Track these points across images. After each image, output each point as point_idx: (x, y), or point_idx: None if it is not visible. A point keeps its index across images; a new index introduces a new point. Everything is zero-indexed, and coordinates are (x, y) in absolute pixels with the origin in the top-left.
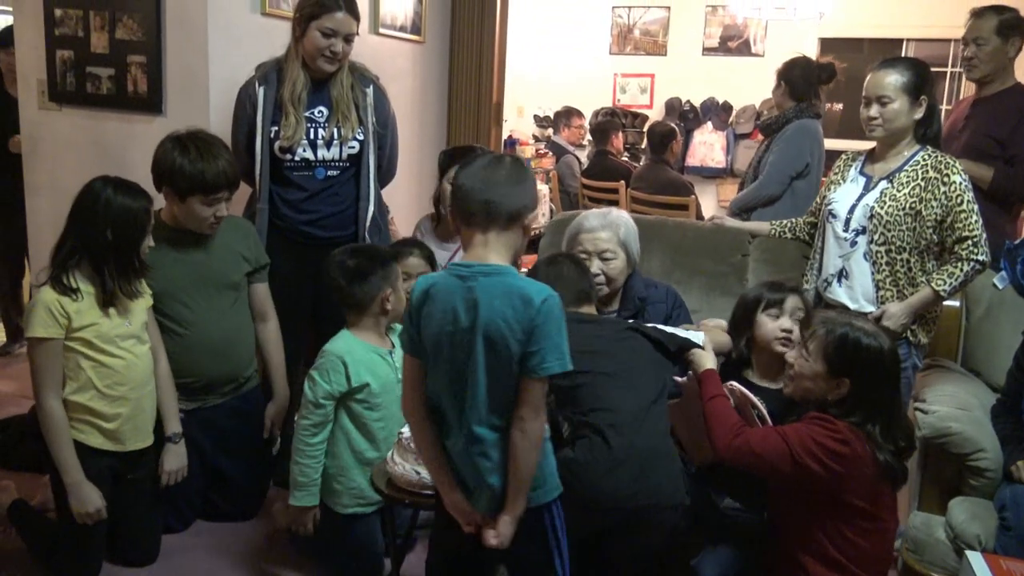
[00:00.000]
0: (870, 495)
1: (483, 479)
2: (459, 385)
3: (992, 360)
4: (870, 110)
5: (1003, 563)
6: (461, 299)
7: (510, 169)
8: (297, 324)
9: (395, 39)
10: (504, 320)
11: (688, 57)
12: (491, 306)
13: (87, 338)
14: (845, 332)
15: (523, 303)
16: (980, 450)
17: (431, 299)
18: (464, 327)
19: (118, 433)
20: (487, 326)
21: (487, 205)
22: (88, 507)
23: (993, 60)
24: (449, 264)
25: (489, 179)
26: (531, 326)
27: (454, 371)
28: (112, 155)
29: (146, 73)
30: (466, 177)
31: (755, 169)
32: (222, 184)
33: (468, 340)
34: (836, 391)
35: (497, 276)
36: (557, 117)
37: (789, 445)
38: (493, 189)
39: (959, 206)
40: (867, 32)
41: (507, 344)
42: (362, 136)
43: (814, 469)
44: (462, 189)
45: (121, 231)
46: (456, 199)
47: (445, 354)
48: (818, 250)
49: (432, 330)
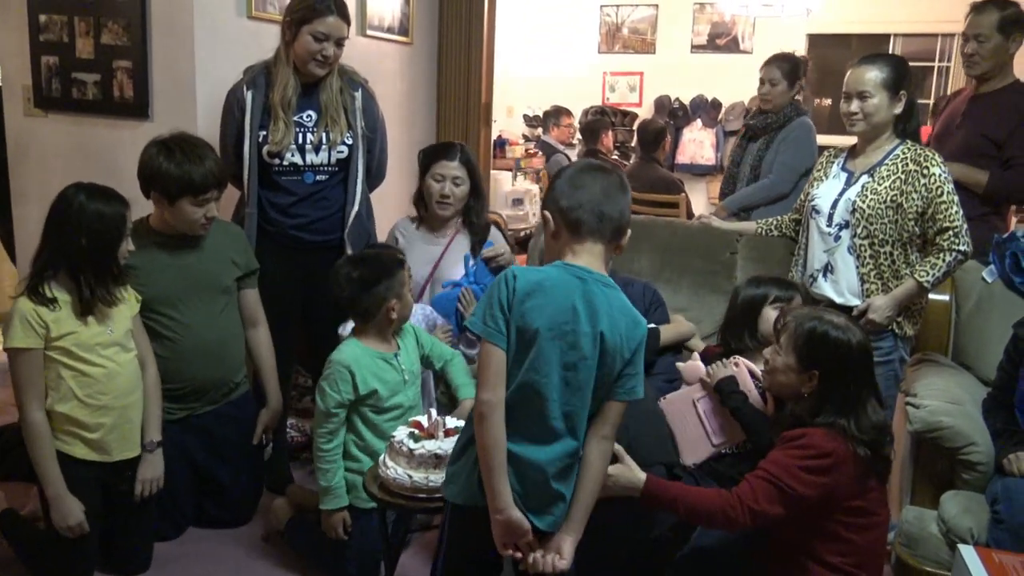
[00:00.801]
0: (859, 492)
1: (562, 492)
2: (572, 390)
3: (982, 354)
4: (850, 105)
5: (995, 556)
6: (582, 300)
7: (620, 184)
8: (287, 328)
9: (383, 40)
10: (620, 335)
11: (677, 55)
12: (612, 317)
13: (66, 347)
14: (813, 326)
15: (634, 324)
16: (972, 444)
17: (544, 291)
18: (585, 330)
19: (102, 443)
20: (607, 334)
21: (602, 218)
22: (69, 520)
23: (994, 56)
24: (559, 262)
25: (607, 192)
26: (634, 348)
27: (567, 374)
28: (99, 161)
29: (132, 78)
30: (581, 186)
31: (754, 168)
32: (210, 184)
33: (588, 344)
34: (808, 384)
35: (613, 290)
36: (546, 116)
37: (777, 484)
38: (609, 203)
39: (939, 198)
40: (854, 28)
41: (616, 358)
42: (351, 140)
43: (809, 495)
44: (581, 199)
45: (95, 237)
46: (571, 208)
47: (559, 353)
48: (803, 246)
49: (543, 323)
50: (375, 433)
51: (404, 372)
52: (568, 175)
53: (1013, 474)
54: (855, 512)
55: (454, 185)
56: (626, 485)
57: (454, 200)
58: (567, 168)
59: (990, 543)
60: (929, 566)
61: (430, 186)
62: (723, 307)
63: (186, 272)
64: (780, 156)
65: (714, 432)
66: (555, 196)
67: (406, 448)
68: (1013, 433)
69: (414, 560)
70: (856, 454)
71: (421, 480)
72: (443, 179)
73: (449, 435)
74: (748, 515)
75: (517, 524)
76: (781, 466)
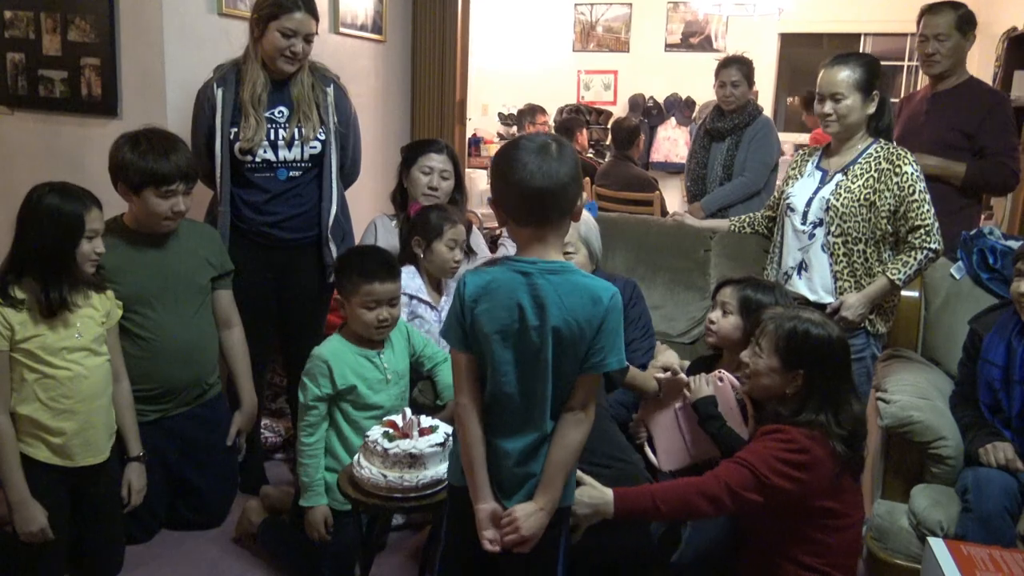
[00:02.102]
0: (834, 493)
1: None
2: (530, 384)
3: (950, 349)
4: (824, 107)
5: (964, 548)
6: (527, 296)
7: (558, 156)
8: (262, 328)
9: (356, 38)
10: (575, 319)
11: (651, 53)
12: (562, 304)
13: (31, 349)
14: (794, 325)
15: (592, 302)
16: (941, 438)
17: (490, 295)
18: (533, 325)
19: (66, 448)
20: (558, 325)
21: (544, 203)
22: (32, 526)
23: (954, 55)
24: (505, 259)
25: (545, 174)
26: (598, 324)
27: (523, 370)
28: (67, 159)
29: (100, 75)
30: (519, 174)
31: (726, 168)
32: (174, 175)
33: (538, 338)
34: (792, 383)
35: (564, 274)
36: (521, 115)
37: (754, 472)
38: (549, 184)
39: (911, 196)
40: (825, 27)
41: (576, 343)
42: (324, 136)
43: (781, 486)
44: (518, 187)
45: (49, 235)
46: (509, 197)
47: (513, 352)
48: (777, 244)
49: (494, 327)
50: (356, 431)
51: (387, 371)
52: (497, 163)
53: (989, 464)
54: (829, 514)
55: (442, 178)
56: (595, 505)
57: (441, 193)
58: (497, 155)
59: (959, 533)
60: (900, 559)
61: (417, 178)
62: (697, 304)
63: (160, 271)
64: (752, 154)
65: (692, 444)
66: (493, 188)
67: (380, 448)
68: (982, 426)
69: (391, 561)
70: (833, 453)
71: (395, 480)
72: (431, 171)
73: (424, 434)
74: (728, 494)
75: (495, 516)
76: (757, 455)
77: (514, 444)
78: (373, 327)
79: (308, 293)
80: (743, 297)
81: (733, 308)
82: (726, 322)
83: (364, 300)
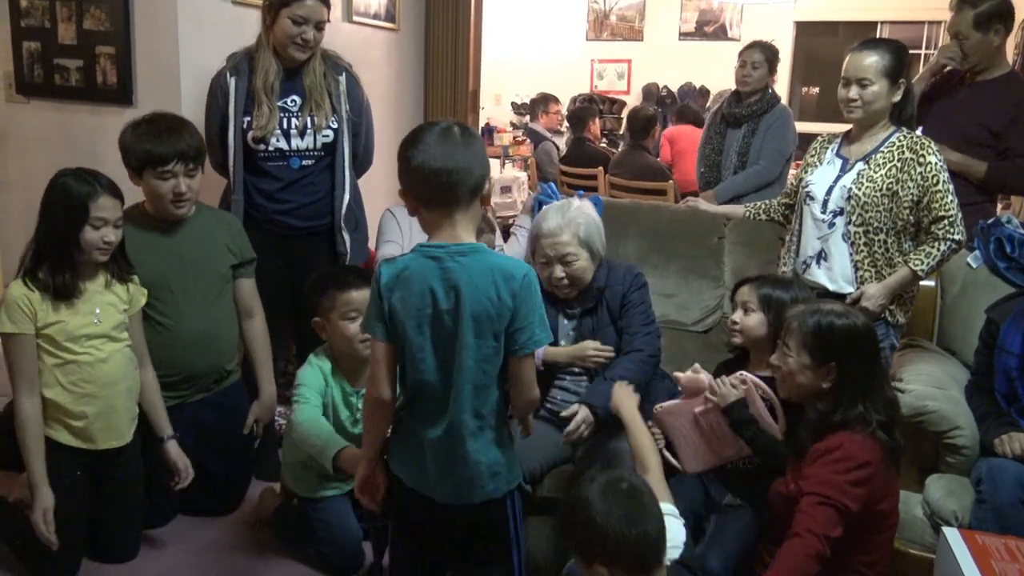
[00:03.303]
0: (885, 493)
1: (455, 468)
2: (449, 370)
3: (967, 339)
4: (849, 91)
5: (979, 538)
6: (439, 280)
7: (462, 139)
8: (278, 317)
9: (369, 27)
10: (489, 299)
11: (665, 42)
12: (473, 285)
13: (51, 335)
14: (817, 319)
15: (505, 279)
16: (956, 427)
17: (404, 283)
18: (445, 309)
19: (87, 431)
20: (472, 306)
21: (450, 183)
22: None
23: (978, 52)
24: (417, 246)
25: (447, 155)
26: (516, 302)
27: (440, 357)
28: (82, 148)
29: (115, 64)
30: (422, 156)
31: (740, 155)
32: (170, 155)
33: (452, 322)
34: (827, 378)
35: (474, 255)
36: (534, 104)
37: (835, 505)
38: (453, 165)
39: (935, 186)
40: (842, 15)
41: (493, 323)
42: (336, 124)
43: (856, 509)
44: (422, 170)
45: (55, 215)
46: (415, 181)
47: (428, 339)
48: (795, 232)
49: (410, 315)
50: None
51: (359, 412)
52: (401, 148)
53: (1005, 455)
54: (881, 515)
55: None
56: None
57: None
58: (403, 141)
59: (973, 524)
60: (914, 549)
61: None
62: (711, 292)
63: (179, 258)
64: (768, 143)
65: (720, 446)
66: (400, 173)
67: None
68: (998, 415)
69: None
70: (882, 449)
71: None
72: None
73: None
74: (826, 545)
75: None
76: (832, 486)
77: (436, 432)
78: (358, 340)
79: None
80: (763, 294)
81: (754, 305)
82: (749, 320)
83: (342, 311)
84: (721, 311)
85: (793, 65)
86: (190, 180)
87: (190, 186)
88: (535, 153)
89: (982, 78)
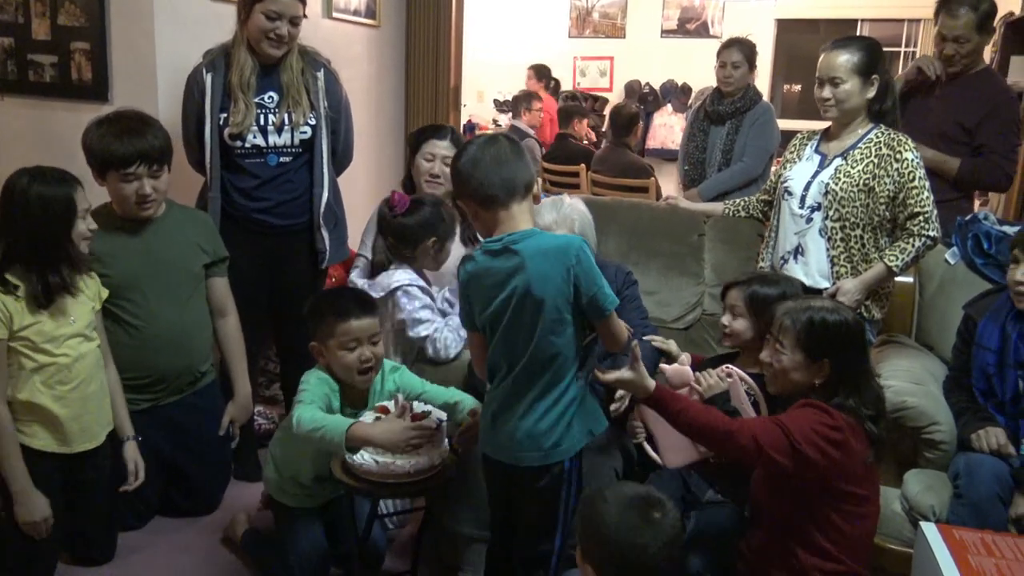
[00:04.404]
0: (861, 480)
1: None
2: (513, 347)
3: (944, 335)
4: (823, 91)
5: (956, 533)
6: (503, 269)
7: (509, 146)
8: (255, 315)
9: (349, 23)
10: (548, 275)
11: (647, 39)
12: (535, 266)
13: (28, 337)
14: (810, 316)
15: (563, 252)
16: (934, 423)
17: (475, 279)
18: (518, 291)
19: (64, 434)
20: (534, 285)
21: (505, 183)
22: (35, 515)
23: (973, 54)
24: (483, 242)
25: (498, 159)
26: (576, 271)
27: (511, 336)
28: (57, 145)
29: (90, 60)
30: (474, 163)
31: (725, 152)
32: (133, 157)
33: (519, 303)
34: (820, 374)
35: (528, 239)
36: (516, 101)
37: (787, 435)
38: (506, 167)
39: (911, 183)
40: (822, 13)
41: (556, 297)
42: (314, 121)
43: (812, 457)
44: (476, 175)
45: (41, 223)
46: (471, 186)
47: (505, 322)
48: (774, 228)
49: (485, 305)
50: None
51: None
52: (464, 162)
53: (981, 449)
54: (852, 499)
55: (444, 164)
56: (637, 385)
57: (444, 179)
58: (461, 154)
59: (951, 519)
60: (893, 543)
61: (420, 165)
62: (692, 290)
63: (150, 257)
64: (752, 140)
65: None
66: (461, 184)
67: None
68: (976, 411)
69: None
70: (867, 438)
71: (388, 465)
72: (433, 158)
73: (416, 419)
74: (753, 445)
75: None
76: (795, 421)
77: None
78: (356, 370)
79: (300, 279)
80: (749, 295)
81: (742, 310)
82: (737, 324)
83: (341, 341)
84: (701, 308)
85: (774, 63)
86: (154, 181)
87: (155, 187)
88: None
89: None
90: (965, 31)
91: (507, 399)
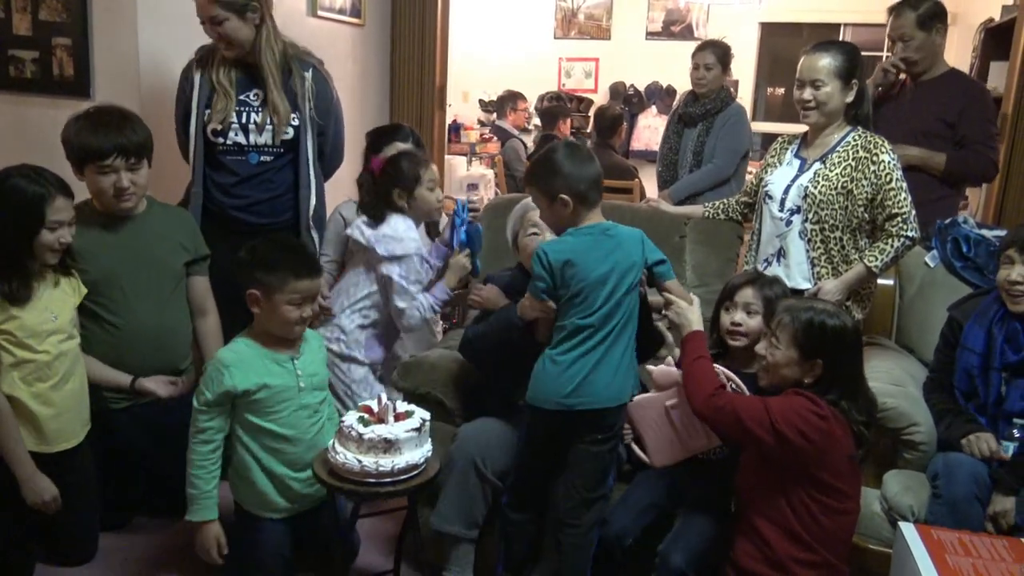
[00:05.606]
0: (840, 473)
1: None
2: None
3: (924, 337)
4: (803, 93)
5: (934, 533)
6: (604, 249)
7: (589, 151)
8: (235, 314)
9: (334, 22)
10: (632, 256)
11: (632, 41)
12: (625, 249)
13: (11, 331)
14: (810, 316)
15: (638, 240)
16: (914, 424)
17: (577, 257)
18: (619, 265)
19: (44, 432)
20: (627, 265)
21: (599, 184)
22: (44, 496)
23: (922, 51)
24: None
25: (592, 163)
26: (645, 253)
27: (609, 300)
28: (38, 142)
29: (72, 56)
30: (579, 166)
31: (696, 154)
32: (109, 150)
33: (620, 275)
34: (811, 373)
35: (613, 228)
36: (501, 101)
37: (769, 413)
38: (598, 171)
39: (888, 184)
40: (806, 17)
41: (635, 272)
42: (297, 122)
43: (791, 438)
44: (586, 176)
45: (12, 217)
46: (582, 187)
47: (602, 293)
48: (756, 232)
49: (586, 277)
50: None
51: (300, 378)
52: (571, 162)
53: (973, 455)
54: (830, 491)
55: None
56: (683, 323)
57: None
58: (551, 159)
59: (929, 519)
60: (872, 543)
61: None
62: None
63: (130, 253)
64: (722, 141)
65: (689, 438)
66: (567, 181)
67: (355, 433)
68: (958, 412)
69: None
70: (851, 435)
71: (371, 465)
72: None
73: (399, 419)
74: (731, 410)
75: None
76: (779, 402)
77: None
78: (294, 324)
79: None
80: (766, 297)
81: (758, 308)
82: (753, 322)
83: (291, 297)
84: None
85: (758, 66)
86: (132, 175)
87: (133, 180)
88: (502, 151)
89: (927, 78)
90: (908, 29)
91: (604, 354)
